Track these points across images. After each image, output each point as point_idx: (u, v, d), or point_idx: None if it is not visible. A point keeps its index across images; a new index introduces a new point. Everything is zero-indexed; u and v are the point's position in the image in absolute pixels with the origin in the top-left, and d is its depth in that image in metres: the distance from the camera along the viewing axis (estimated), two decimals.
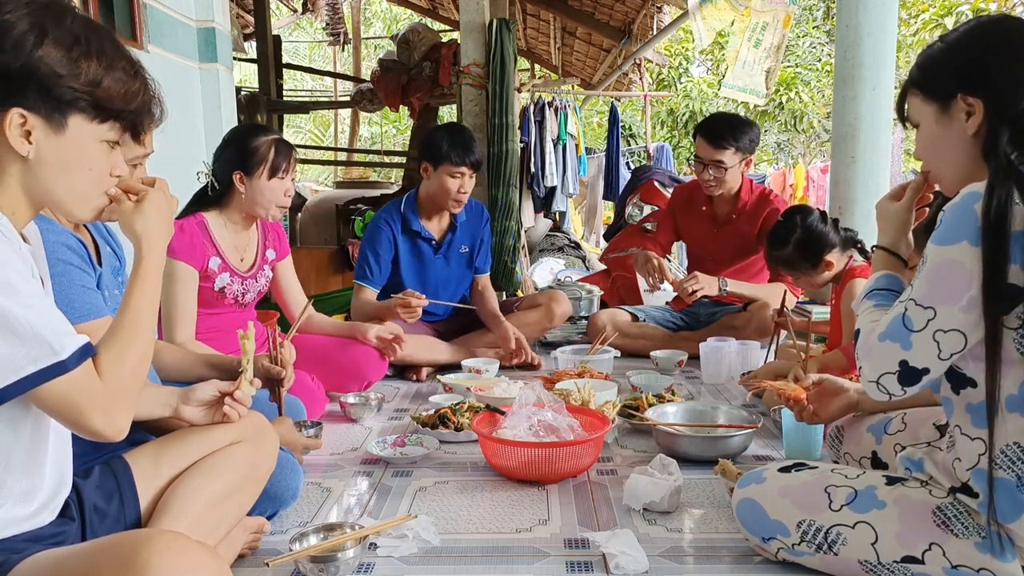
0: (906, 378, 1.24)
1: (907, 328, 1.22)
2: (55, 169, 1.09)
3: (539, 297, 3.48)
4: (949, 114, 1.30)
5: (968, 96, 1.26)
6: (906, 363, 1.22)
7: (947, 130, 1.31)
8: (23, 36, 1.02)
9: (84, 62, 1.06)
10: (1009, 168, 1.17)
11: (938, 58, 1.33)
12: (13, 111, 1.03)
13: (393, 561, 1.50)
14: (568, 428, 1.95)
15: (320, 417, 2.50)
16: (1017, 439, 1.20)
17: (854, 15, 3.42)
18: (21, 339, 0.98)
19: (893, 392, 1.26)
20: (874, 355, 1.27)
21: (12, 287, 0.98)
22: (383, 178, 12.28)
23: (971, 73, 1.27)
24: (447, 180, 3.00)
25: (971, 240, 1.15)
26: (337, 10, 10.91)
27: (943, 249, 1.19)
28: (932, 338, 1.19)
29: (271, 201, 2.36)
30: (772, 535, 1.42)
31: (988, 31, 1.30)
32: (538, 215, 6.99)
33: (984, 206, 1.14)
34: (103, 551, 0.96)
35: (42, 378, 1.00)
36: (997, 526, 1.22)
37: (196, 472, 1.36)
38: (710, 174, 3.22)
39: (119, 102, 1.11)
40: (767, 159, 18.60)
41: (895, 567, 1.29)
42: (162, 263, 1.24)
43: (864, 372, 1.29)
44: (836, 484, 1.39)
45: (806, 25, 15.69)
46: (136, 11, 2.97)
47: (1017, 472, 1.20)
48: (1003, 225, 1.12)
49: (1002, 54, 1.25)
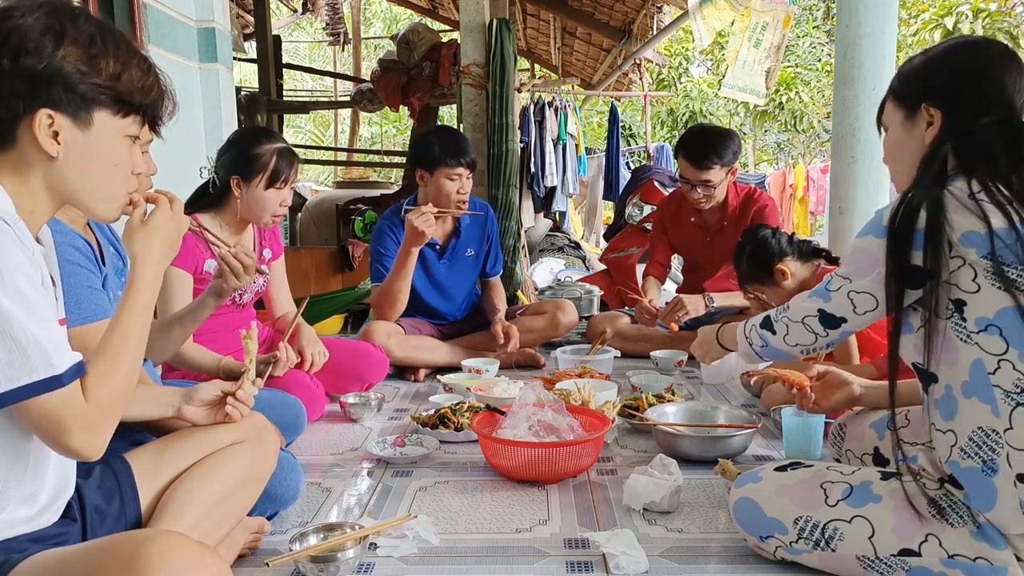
0: (826, 321, 1.48)
1: (827, 289, 1.48)
2: (81, 166, 1.10)
3: (545, 305, 3.42)
4: (913, 121, 1.43)
5: (931, 106, 1.39)
6: (823, 311, 1.48)
7: (909, 136, 1.44)
8: (43, 38, 1.04)
9: (103, 59, 1.09)
10: (934, 179, 1.33)
11: (915, 69, 1.46)
12: (41, 112, 1.05)
13: (393, 561, 1.50)
14: (568, 428, 1.95)
15: (320, 417, 2.51)
16: (979, 423, 1.25)
17: (854, 15, 3.42)
18: (22, 349, 0.97)
19: (816, 330, 1.50)
20: (798, 305, 1.54)
21: (21, 294, 0.98)
22: (383, 178, 12.28)
23: (938, 86, 1.40)
24: (445, 184, 2.98)
25: (876, 235, 1.37)
26: (337, 10, 10.91)
27: (857, 240, 1.43)
28: (847, 296, 1.43)
29: (265, 210, 2.32)
30: (770, 533, 1.43)
31: (963, 50, 1.42)
32: (538, 215, 6.99)
33: (893, 210, 1.34)
34: (104, 551, 0.96)
35: (36, 391, 0.98)
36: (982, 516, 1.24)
37: (197, 472, 1.36)
38: (699, 193, 3.23)
39: (138, 95, 1.14)
40: (767, 159, 18.60)
41: (892, 561, 1.30)
42: (156, 284, 1.22)
43: (789, 315, 1.55)
44: (832, 480, 1.41)
45: (806, 25, 15.70)
46: (136, 11, 2.97)
47: (983, 457, 1.24)
48: (909, 221, 1.30)
49: (968, 73, 1.38)
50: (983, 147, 1.32)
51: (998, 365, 1.23)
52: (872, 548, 1.31)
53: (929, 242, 1.28)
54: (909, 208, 1.32)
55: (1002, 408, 1.22)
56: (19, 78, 1.03)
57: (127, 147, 1.16)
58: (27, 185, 1.09)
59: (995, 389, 1.23)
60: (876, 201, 3.47)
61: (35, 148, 1.06)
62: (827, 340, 1.52)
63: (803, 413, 1.97)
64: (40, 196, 1.10)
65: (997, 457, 1.22)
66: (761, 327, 1.63)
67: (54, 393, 1.00)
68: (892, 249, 1.33)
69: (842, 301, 1.45)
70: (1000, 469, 1.22)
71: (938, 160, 1.35)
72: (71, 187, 1.11)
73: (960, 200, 1.28)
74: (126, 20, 2.93)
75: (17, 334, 0.96)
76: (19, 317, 0.96)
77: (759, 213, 3.28)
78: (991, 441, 1.23)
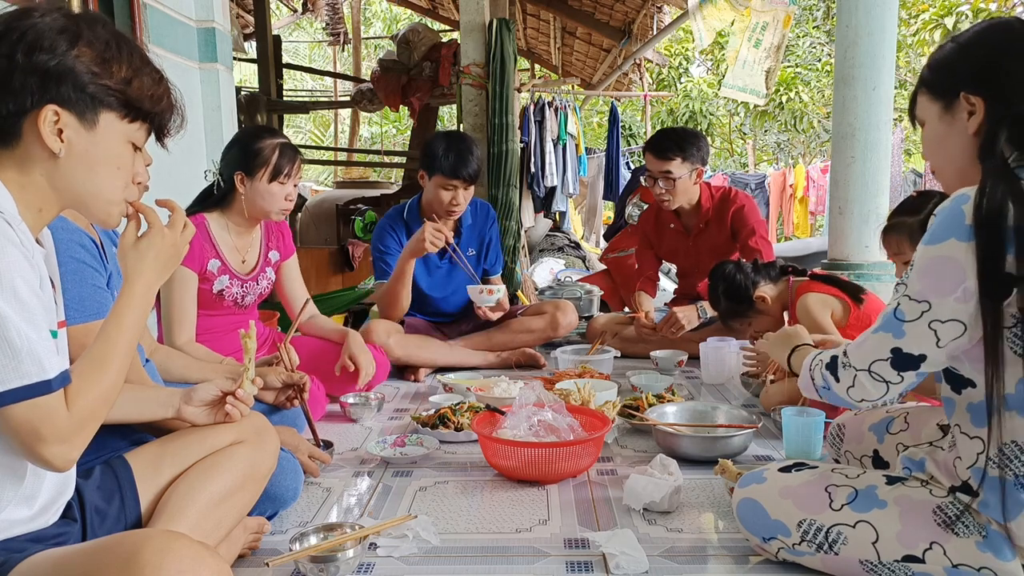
0: (901, 363, 1.25)
1: (899, 319, 1.24)
2: (84, 166, 1.11)
3: (545, 305, 3.41)
4: (952, 112, 1.32)
5: (970, 95, 1.28)
6: (899, 350, 1.24)
7: (949, 128, 1.33)
8: (59, 37, 1.06)
9: (115, 63, 1.11)
10: (1004, 170, 1.19)
11: (947, 57, 1.35)
12: (47, 108, 1.06)
13: (393, 561, 1.50)
14: (568, 428, 1.95)
15: (320, 418, 2.51)
16: (1015, 437, 1.20)
17: (854, 15, 3.42)
18: (15, 352, 0.96)
19: (888, 378, 1.26)
20: (865, 346, 1.29)
21: (17, 297, 0.98)
22: (383, 178, 12.29)
23: (975, 72, 1.29)
24: (440, 192, 3.00)
25: (959, 237, 1.18)
26: (337, 10, 10.92)
27: (932, 248, 1.21)
28: (928, 327, 1.21)
29: (270, 205, 2.35)
30: (773, 535, 1.42)
31: (995, 32, 1.32)
32: (538, 215, 7.00)
33: (976, 204, 1.16)
34: (104, 551, 0.96)
35: (25, 395, 0.98)
36: (999, 525, 1.21)
37: (197, 472, 1.36)
38: (661, 187, 3.29)
39: (148, 103, 1.16)
40: (767, 159, 18.60)
41: (896, 566, 1.29)
42: (146, 303, 1.20)
43: (853, 362, 1.30)
44: (837, 483, 1.39)
45: (806, 25, 15.70)
46: (136, 11, 2.97)
47: (1014, 470, 1.20)
48: (998, 218, 1.14)
49: (1007, 55, 1.27)
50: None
51: None
52: (875, 553, 1.30)
53: (1020, 240, 1.13)
54: (993, 203, 1.16)
55: None
56: (31, 73, 1.05)
57: (130, 152, 1.17)
58: (31, 183, 1.09)
59: None
60: (876, 201, 3.48)
61: (39, 144, 1.07)
62: (900, 388, 1.28)
63: (804, 413, 1.97)
64: (44, 195, 1.11)
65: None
66: (827, 367, 1.38)
67: (39, 400, 0.99)
68: (983, 253, 1.15)
69: (922, 333, 1.22)
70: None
71: (998, 149, 1.22)
72: (73, 187, 1.12)
73: None
74: (126, 20, 2.93)
75: (11, 337, 0.96)
76: (14, 320, 0.96)
77: (738, 213, 3.32)
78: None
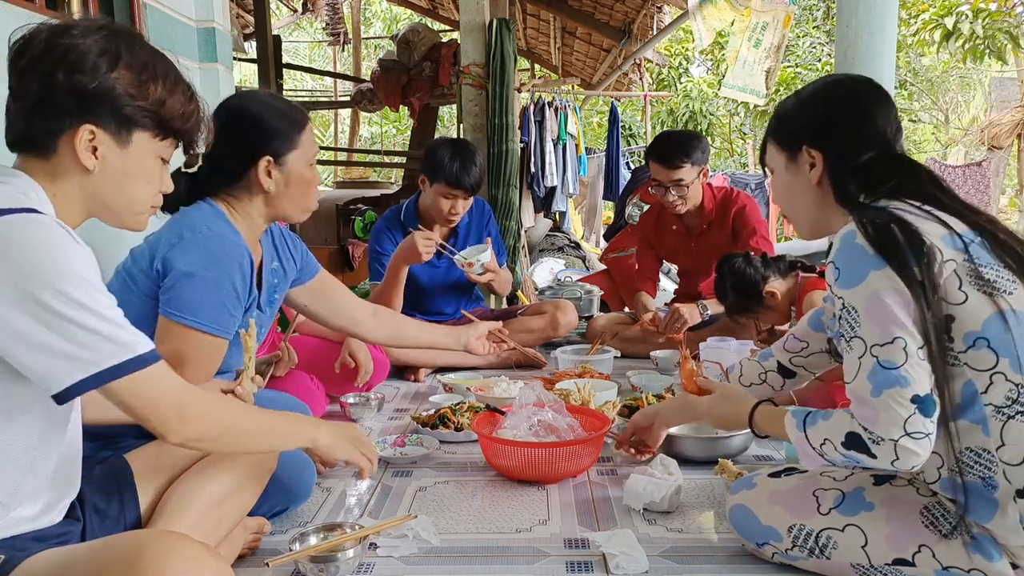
0: (928, 409, 1.18)
1: (891, 368, 1.18)
2: (116, 181, 1.16)
3: (545, 305, 3.41)
4: (796, 163, 1.43)
5: (811, 148, 1.40)
6: (917, 396, 1.17)
7: (795, 178, 1.45)
8: (99, 59, 1.10)
9: (151, 85, 1.15)
10: (865, 207, 1.29)
11: (789, 111, 1.48)
12: (84, 127, 1.10)
13: (393, 561, 1.50)
14: (568, 428, 1.96)
15: (320, 418, 2.50)
16: (969, 444, 1.22)
17: (854, 15, 3.42)
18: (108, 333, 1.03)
19: (929, 431, 1.18)
20: (880, 414, 1.18)
21: (93, 286, 1.04)
22: (383, 178, 12.28)
23: (815, 127, 1.41)
24: (440, 199, 2.99)
25: (874, 267, 1.20)
26: (337, 10, 10.92)
27: (859, 289, 1.21)
28: (918, 358, 1.18)
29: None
30: (765, 540, 1.43)
31: (834, 90, 1.43)
32: (538, 215, 6.99)
33: (866, 236, 1.21)
34: (106, 551, 0.96)
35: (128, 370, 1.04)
36: (980, 527, 1.22)
37: (196, 472, 1.36)
38: (673, 195, 3.25)
39: (179, 121, 1.20)
40: None
41: (887, 570, 1.29)
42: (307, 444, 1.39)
43: (883, 433, 1.18)
44: (824, 487, 1.39)
45: (806, 25, 15.68)
46: (136, 11, 2.97)
47: (978, 474, 1.21)
48: (892, 238, 1.20)
49: (843, 112, 1.39)
50: (880, 181, 1.32)
51: (990, 381, 1.19)
52: (866, 557, 1.31)
53: (916, 254, 1.18)
54: (880, 228, 1.21)
55: (992, 426, 1.19)
56: (71, 94, 1.09)
57: (159, 166, 1.22)
58: (61, 192, 1.13)
59: (986, 408, 1.19)
60: None
61: (73, 160, 1.11)
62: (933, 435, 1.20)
63: None
64: (74, 204, 1.15)
65: (994, 474, 1.20)
66: (845, 447, 1.23)
67: (145, 371, 1.06)
68: (900, 272, 1.17)
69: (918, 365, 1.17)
70: (1000, 485, 1.19)
71: (851, 192, 1.34)
72: (103, 199, 1.17)
73: (912, 212, 1.25)
74: (126, 20, 2.93)
75: (112, 316, 1.04)
76: (101, 303, 1.03)
77: (740, 213, 3.30)
78: (984, 460, 1.20)
